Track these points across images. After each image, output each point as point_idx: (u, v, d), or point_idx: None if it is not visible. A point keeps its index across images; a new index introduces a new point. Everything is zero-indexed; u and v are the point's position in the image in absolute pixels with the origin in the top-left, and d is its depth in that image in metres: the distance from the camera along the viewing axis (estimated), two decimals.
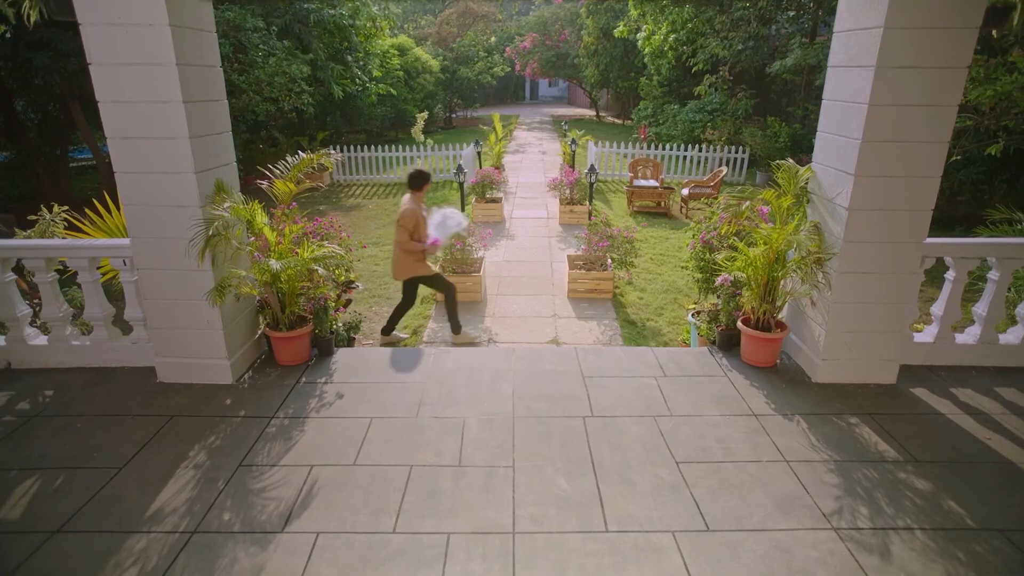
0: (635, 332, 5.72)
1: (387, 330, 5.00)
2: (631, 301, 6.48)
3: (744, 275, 3.70)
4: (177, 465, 2.80)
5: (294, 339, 3.70)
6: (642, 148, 13.95)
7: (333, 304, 3.99)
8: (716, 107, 15.32)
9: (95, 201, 4.11)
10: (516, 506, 2.54)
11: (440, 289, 4.86)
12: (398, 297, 6.73)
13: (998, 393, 3.44)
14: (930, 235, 3.30)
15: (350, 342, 4.25)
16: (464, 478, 2.72)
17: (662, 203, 10.88)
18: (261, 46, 12.24)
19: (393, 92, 17.46)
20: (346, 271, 4.32)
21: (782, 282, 3.63)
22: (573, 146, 12.97)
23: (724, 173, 11.13)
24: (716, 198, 4.71)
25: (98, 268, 3.71)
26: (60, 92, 10.05)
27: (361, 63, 15.73)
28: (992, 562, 2.26)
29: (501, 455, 2.88)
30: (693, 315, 4.60)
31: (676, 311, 6.23)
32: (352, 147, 13.79)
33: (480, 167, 12.75)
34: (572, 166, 11.70)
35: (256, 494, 2.61)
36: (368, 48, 16.10)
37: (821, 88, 3.56)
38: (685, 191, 10.64)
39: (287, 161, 3.73)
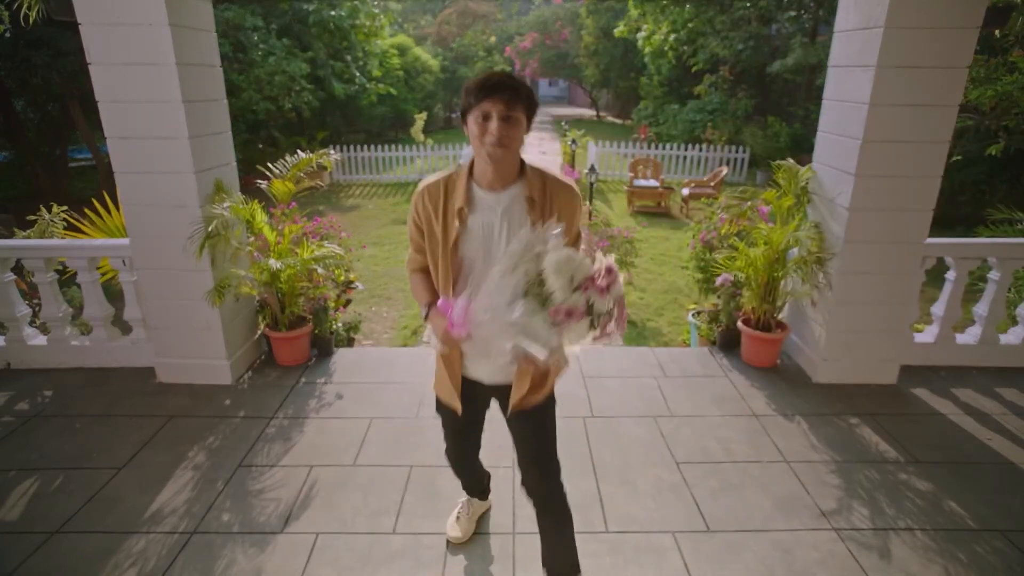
0: (635, 332, 5.72)
1: None
2: (631, 301, 6.48)
3: (744, 275, 3.69)
4: (176, 466, 2.79)
5: (294, 339, 3.70)
6: (642, 148, 13.95)
7: (333, 304, 3.98)
8: (716, 107, 15.32)
9: (94, 201, 4.10)
10: (516, 506, 2.53)
11: None
12: (398, 297, 6.72)
13: (999, 393, 3.44)
14: (931, 235, 3.30)
15: (350, 342, 4.25)
16: None
17: (662, 203, 10.88)
18: (261, 45, 12.24)
19: (393, 92, 17.45)
20: (346, 271, 4.31)
21: (782, 282, 3.63)
22: (573, 146, 12.97)
23: (724, 173, 11.13)
24: (716, 198, 4.70)
25: (98, 268, 3.70)
26: (59, 91, 10.05)
27: (361, 63, 15.72)
28: (993, 563, 2.26)
29: (501, 455, 2.87)
30: (693, 315, 4.60)
31: (676, 311, 6.23)
32: (352, 147, 13.78)
33: None
34: (572, 166, 11.70)
35: (255, 495, 2.61)
36: (368, 48, 16.09)
37: (822, 88, 3.56)
38: (685, 191, 10.64)
39: (286, 160, 3.73)
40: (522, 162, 1.70)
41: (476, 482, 2.34)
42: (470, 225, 1.67)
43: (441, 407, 1.98)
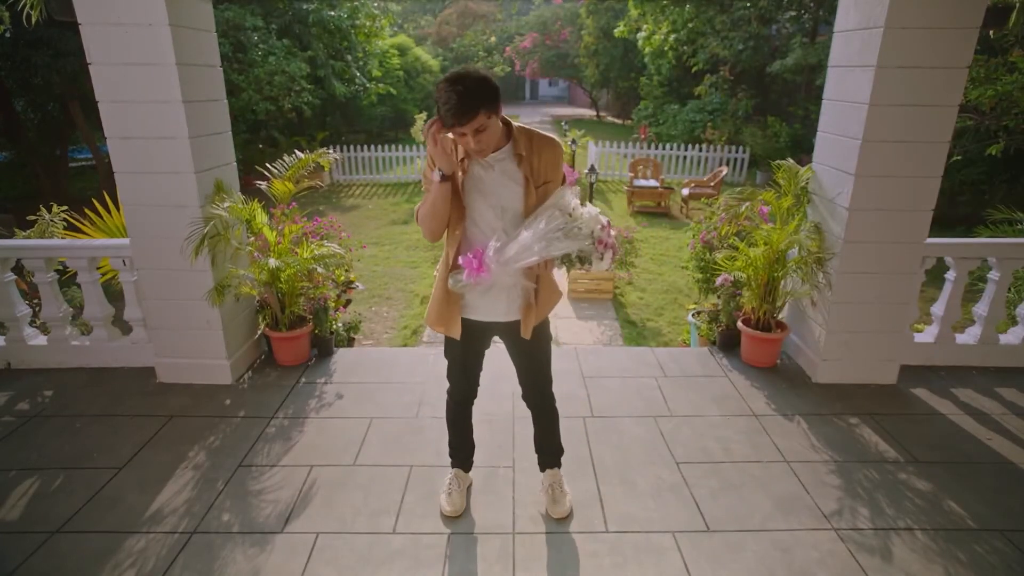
0: (635, 332, 5.72)
1: None
2: (631, 301, 6.49)
3: (744, 275, 3.69)
4: (177, 465, 2.80)
5: (294, 339, 3.70)
6: (642, 148, 13.96)
7: (333, 304, 3.98)
8: (716, 107, 15.33)
9: (95, 201, 4.10)
10: (516, 506, 2.54)
11: None
12: (398, 297, 6.72)
13: (998, 393, 3.44)
14: (930, 235, 3.30)
15: (350, 342, 4.25)
16: None
17: (662, 203, 10.88)
18: (260, 45, 12.24)
19: (393, 92, 17.45)
20: (346, 271, 4.31)
21: (782, 282, 3.63)
22: (573, 146, 12.97)
23: (724, 173, 11.14)
24: (716, 198, 4.69)
25: (98, 268, 3.70)
26: (59, 92, 10.05)
27: (361, 63, 15.72)
28: (992, 562, 2.26)
29: (501, 455, 2.88)
30: (693, 315, 4.60)
31: (676, 311, 6.23)
32: (352, 147, 13.78)
33: None
34: (572, 166, 11.70)
35: (255, 495, 2.61)
36: (368, 48, 16.09)
37: (821, 88, 3.57)
38: (685, 191, 10.65)
39: (285, 161, 3.73)
40: (509, 126, 1.99)
41: (465, 442, 2.55)
42: (471, 172, 2.00)
43: (449, 342, 2.28)
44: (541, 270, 2.02)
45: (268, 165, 3.71)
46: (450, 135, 1.87)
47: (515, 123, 2.01)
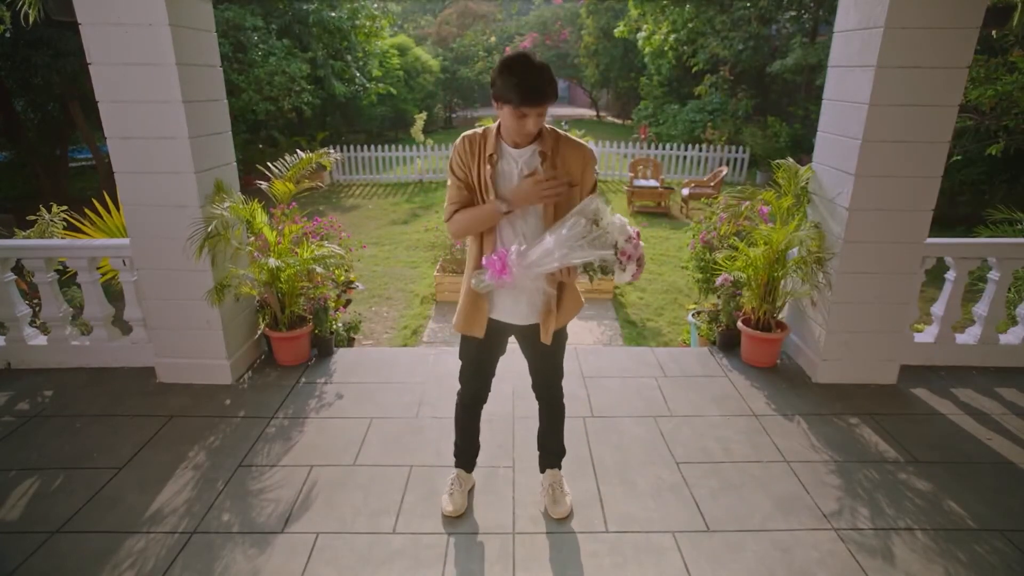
0: (635, 332, 5.72)
1: None
2: (631, 301, 6.49)
3: (744, 275, 3.69)
4: (177, 465, 2.80)
5: (294, 339, 3.70)
6: (642, 148, 13.95)
7: (333, 304, 3.98)
8: (716, 107, 15.32)
9: (95, 201, 4.10)
10: (516, 506, 2.54)
11: None
12: (398, 297, 6.72)
13: (998, 393, 3.44)
14: (930, 235, 3.30)
15: (350, 342, 4.25)
16: None
17: (662, 203, 10.88)
18: (260, 45, 12.23)
19: (393, 92, 17.44)
20: (346, 271, 4.31)
21: (782, 282, 3.63)
22: None
23: (724, 173, 11.13)
24: (716, 198, 4.69)
25: (98, 268, 3.70)
26: (59, 92, 10.04)
27: (361, 63, 15.71)
28: (992, 562, 2.26)
29: (501, 455, 2.88)
30: (693, 315, 4.60)
31: (676, 311, 6.23)
32: (352, 147, 13.77)
33: None
34: None
35: (255, 495, 2.61)
36: (368, 48, 16.09)
37: (821, 88, 3.57)
38: (685, 191, 10.64)
39: (286, 160, 3.73)
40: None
41: (471, 444, 2.55)
42: (499, 169, 2.02)
43: (465, 343, 2.29)
44: (564, 277, 1.97)
45: (269, 165, 3.71)
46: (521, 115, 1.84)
47: (547, 125, 2.01)
